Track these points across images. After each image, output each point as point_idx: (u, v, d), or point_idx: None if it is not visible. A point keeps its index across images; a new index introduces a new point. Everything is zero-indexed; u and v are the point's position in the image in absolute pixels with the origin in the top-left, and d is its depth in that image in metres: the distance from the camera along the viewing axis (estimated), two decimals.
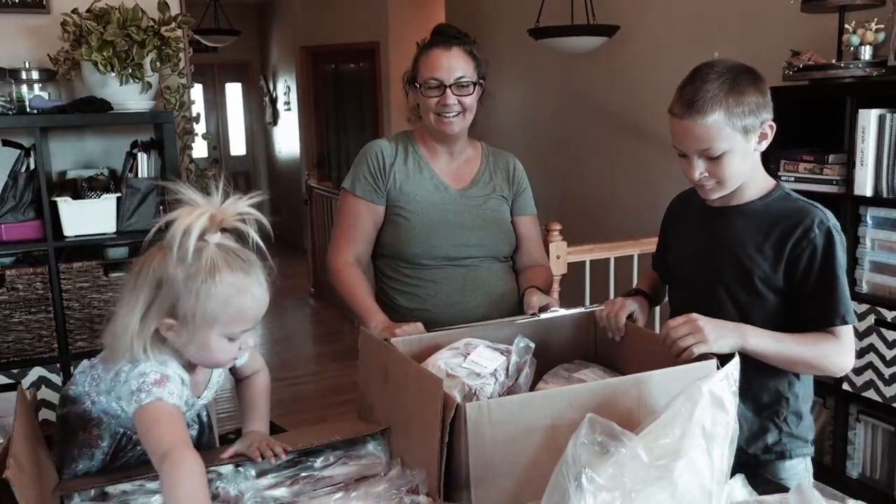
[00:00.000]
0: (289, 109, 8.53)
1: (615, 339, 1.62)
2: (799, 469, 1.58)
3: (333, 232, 2.02)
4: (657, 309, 2.35)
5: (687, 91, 1.44)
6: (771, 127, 1.48)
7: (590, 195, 4.42)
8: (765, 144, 1.49)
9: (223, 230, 1.24)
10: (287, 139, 8.65)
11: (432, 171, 1.97)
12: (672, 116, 1.47)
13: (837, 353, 1.46)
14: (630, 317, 1.63)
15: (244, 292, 1.22)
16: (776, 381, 1.55)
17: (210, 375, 1.44)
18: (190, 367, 1.33)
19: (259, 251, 1.26)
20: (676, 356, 1.38)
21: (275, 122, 9.14)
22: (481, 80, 1.93)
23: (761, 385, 1.54)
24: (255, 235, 1.25)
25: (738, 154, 1.45)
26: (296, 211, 7.86)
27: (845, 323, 1.45)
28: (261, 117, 9.66)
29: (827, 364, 1.47)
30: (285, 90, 8.57)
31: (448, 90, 1.86)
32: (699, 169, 1.47)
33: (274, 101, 9.03)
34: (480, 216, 1.96)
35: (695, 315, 1.41)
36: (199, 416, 1.59)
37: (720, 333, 1.39)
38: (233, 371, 1.49)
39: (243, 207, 1.24)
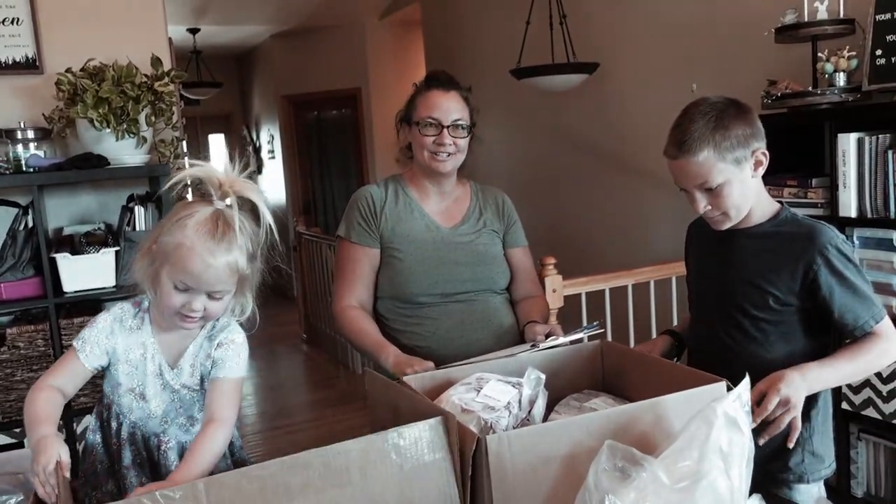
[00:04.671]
0: (273, 157, 8.60)
1: None
2: (812, 492, 1.61)
3: (334, 281, 2.06)
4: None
5: (677, 133, 1.52)
6: (764, 154, 1.55)
7: (578, 228, 4.47)
8: (761, 171, 1.57)
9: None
10: (273, 187, 8.69)
11: (423, 211, 2.02)
12: (667, 158, 1.55)
13: (885, 349, 1.53)
14: None
15: (192, 249, 1.36)
16: None
17: (186, 346, 1.51)
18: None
19: (262, 229, 1.44)
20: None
21: (259, 171, 9.19)
22: (473, 126, 2.00)
23: None
24: (265, 212, 1.43)
25: (735, 184, 1.52)
26: (284, 258, 7.86)
27: (878, 321, 1.52)
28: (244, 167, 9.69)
29: (885, 362, 1.55)
30: (269, 139, 8.64)
31: (445, 130, 1.93)
32: (702, 202, 1.55)
33: (258, 150, 9.09)
34: (472, 251, 2.00)
35: (762, 386, 1.45)
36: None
37: (796, 389, 1.45)
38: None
39: (241, 185, 1.42)
